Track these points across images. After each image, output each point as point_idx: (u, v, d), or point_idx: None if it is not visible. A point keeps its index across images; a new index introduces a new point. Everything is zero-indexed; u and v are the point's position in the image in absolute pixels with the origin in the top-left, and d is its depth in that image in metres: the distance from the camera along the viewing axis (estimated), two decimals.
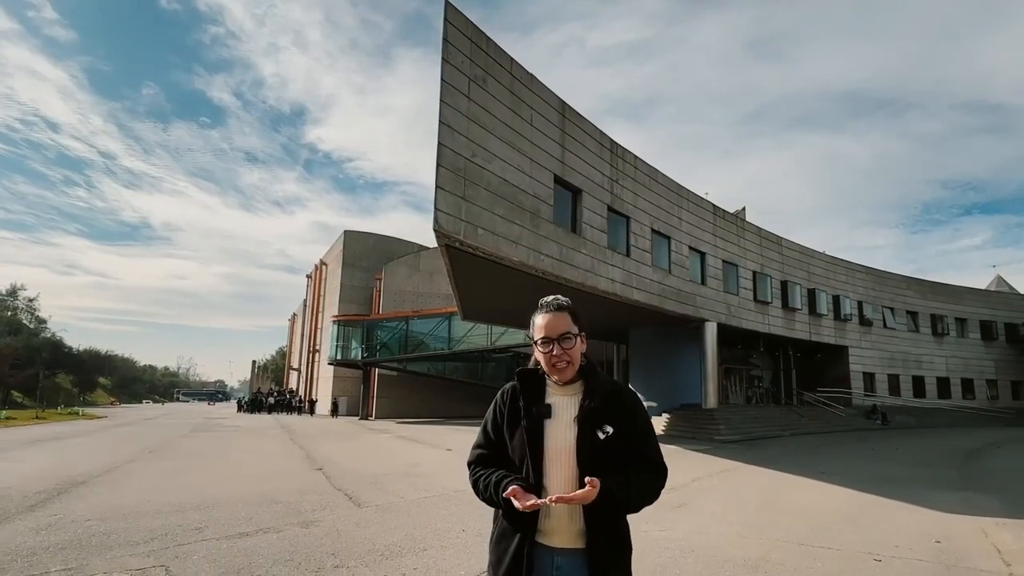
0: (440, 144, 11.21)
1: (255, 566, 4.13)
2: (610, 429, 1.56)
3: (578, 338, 1.66)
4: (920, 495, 7.52)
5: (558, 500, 1.43)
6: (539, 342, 1.65)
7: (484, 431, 1.73)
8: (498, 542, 1.61)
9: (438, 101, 11.43)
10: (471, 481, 1.68)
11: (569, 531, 1.54)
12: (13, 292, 63.37)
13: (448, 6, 11.50)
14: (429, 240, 45.17)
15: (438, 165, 11.13)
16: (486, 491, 1.60)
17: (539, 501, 1.45)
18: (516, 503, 1.45)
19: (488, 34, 12.62)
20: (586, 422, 1.56)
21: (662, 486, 1.61)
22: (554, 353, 1.62)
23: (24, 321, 62.60)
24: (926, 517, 6.19)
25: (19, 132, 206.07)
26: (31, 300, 64.03)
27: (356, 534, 5.15)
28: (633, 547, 1.60)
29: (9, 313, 61.41)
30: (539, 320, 1.68)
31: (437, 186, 11.09)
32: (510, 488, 1.49)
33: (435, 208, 10.99)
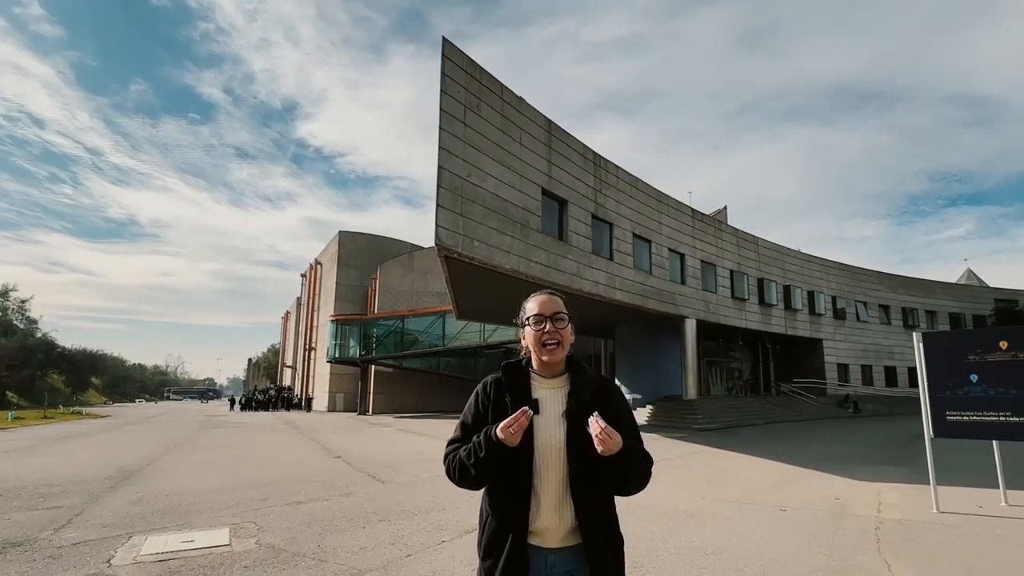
0: (440, 167, 12.54)
1: (320, 521, 5.53)
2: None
3: (569, 323, 1.65)
4: (846, 469, 9.07)
5: (601, 430, 1.42)
6: (531, 320, 1.63)
7: (463, 425, 1.67)
8: (488, 547, 1.56)
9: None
10: (446, 467, 1.64)
11: (561, 530, 1.53)
12: (5, 293, 63.57)
13: (446, 43, 12.80)
14: (422, 239, 46.45)
15: (438, 186, 12.46)
16: (468, 456, 1.55)
17: (519, 412, 1.45)
18: (502, 430, 1.45)
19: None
20: (575, 417, 1.54)
21: (650, 474, 1.63)
22: (546, 330, 1.60)
23: (15, 322, 62.84)
24: (839, 484, 7.72)
25: (3, 128, 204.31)
26: (23, 301, 64.20)
27: (387, 500, 6.58)
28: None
29: (0, 314, 61.59)
30: (531, 303, 1.67)
31: (438, 205, 12.42)
32: (502, 424, 1.46)
33: (436, 225, 12.33)
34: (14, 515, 5.86)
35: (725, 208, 33.18)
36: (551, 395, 1.61)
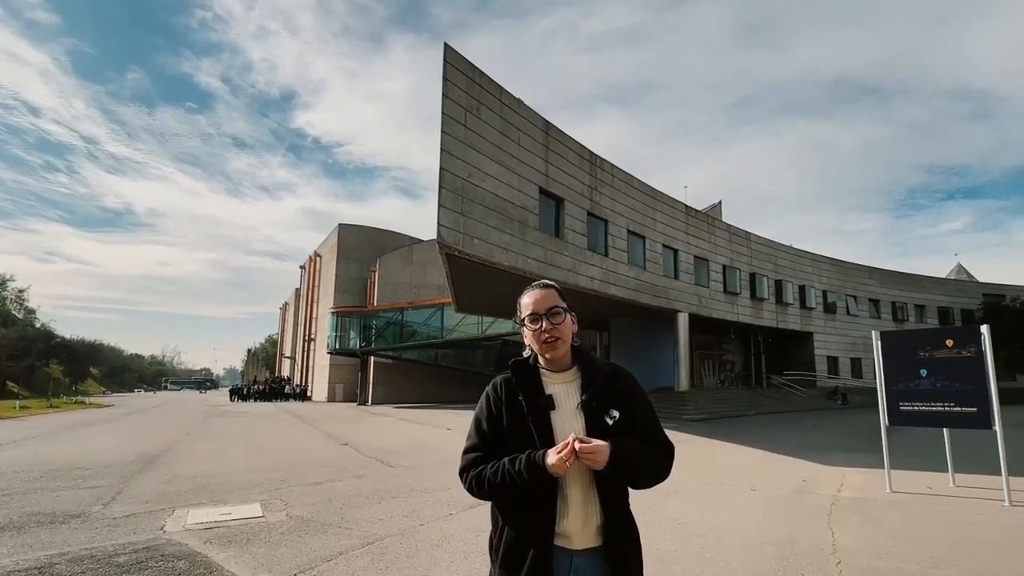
0: (442, 168, 13.11)
1: (339, 498, 6.19)
2: (616, 413, 1.52)
3: (567, 314, 1.61)
4: (820, 455, 9.78)
5: (578, 441, 1.38)
6: (527, 319, 1.60)
7: (478, 430, 1.59)
8: (508, 552, 1.48)
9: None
10: (471, 481, 1.53)
11: (589, 529, 1.48)
12: (2, 283, 63.75)
13: (447, 49, 13.31)
14: (421, 231, 46.99)
15: (440, 187, 13.04)
16: (497, 477, 1.47)
17: (569, 440, 1.40)
18: (553, 457, 1.39)
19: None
20: (592, 408, 1.53)
21: (671, 464, 1.57)
22: (543, 328, 1.56)
23: (14, 312, 63.11)
24: (810, 468, 8.43)
25: None
26: (21, 291, 64.39)
27: (397, 481, 7.24)
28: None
29: None
30: (526, 299, 1.64)
31: (440, 205, 13.01)
32: (551, 451, 1.41)
33: (438, 224, 12.93)
34: (61, 493, 6.49)
35: (720, 203, 33.82)
36: (564, 389, 1.58)
